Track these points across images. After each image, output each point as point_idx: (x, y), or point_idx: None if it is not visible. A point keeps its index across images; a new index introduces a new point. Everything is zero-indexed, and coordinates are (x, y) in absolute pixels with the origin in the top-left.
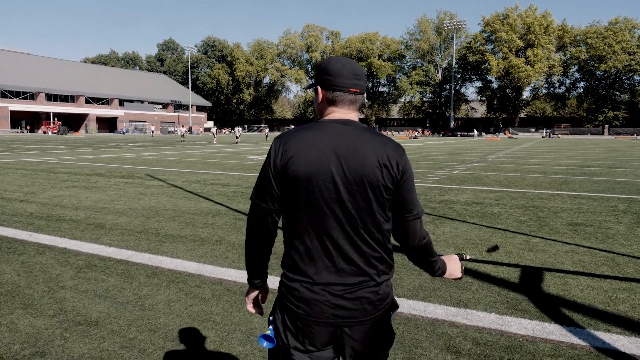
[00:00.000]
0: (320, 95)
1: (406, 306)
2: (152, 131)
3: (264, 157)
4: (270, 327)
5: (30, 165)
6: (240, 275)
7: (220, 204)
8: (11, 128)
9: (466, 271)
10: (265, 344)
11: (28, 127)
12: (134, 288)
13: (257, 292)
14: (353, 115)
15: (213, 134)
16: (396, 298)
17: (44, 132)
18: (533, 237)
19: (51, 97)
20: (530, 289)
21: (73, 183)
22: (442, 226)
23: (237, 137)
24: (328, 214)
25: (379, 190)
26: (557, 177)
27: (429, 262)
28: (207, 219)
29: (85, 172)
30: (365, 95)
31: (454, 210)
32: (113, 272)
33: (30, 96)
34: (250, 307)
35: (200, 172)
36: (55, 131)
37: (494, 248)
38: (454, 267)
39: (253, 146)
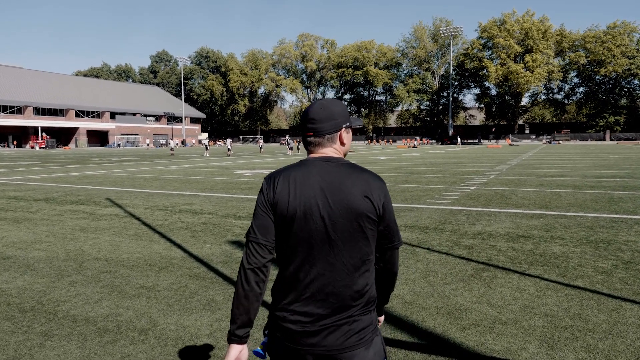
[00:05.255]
0: None
1: None
2: (147, 144)
3: (254, 172)
4: (265, 339)
5: None
6: None
7: (179, 246)
8: None
9: None
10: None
11: (15, 142)
12: None
13: (240, 348)
14: (330, 152)
15: (206, 146)
16: None
17: (32, 147)
18: None
19: (39, 111)
20: None
21: (5, 214)
22: (495, 284)
23: (228, 150)
24: (315, 246)
25: (362, 223)
26: (597, 193)
27: (391, 289)
28: (147, 277)
29: (35, 196)
30: (334, 132)
31: (499, 251)
32: None
33: (18, 110)
34: None
35: (174, 194)
36: (43, 146)
37: None
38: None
39: (245, 159)
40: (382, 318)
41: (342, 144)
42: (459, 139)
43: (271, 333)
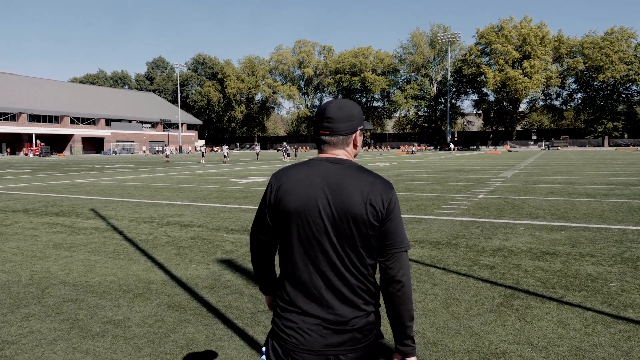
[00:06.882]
0: None
1: None
2: (144, 151)
3: (250, 180)
4: (263, 357)
5: None
6: None
7: (161, 267)
8: None
9: None
10: None
11: (9, 150)
12: None
13: (271, 298)
14: (341, 153)
15: (202, 153)
16: None
17: (25, 154)
18: None
19: (34, 118)
20: None
21: None
22: (532, 317)
23: (225, 157)
24: (316, 247)
25: (363, 227)
26: (614, 202)
27: (402, 306)
28: (118, 307)
29: (14, 206)
30: (350, 134)
31: (526, 272)
32: None
33: (12, 117)
34: (271, 308)
35: (163, 204)
36: (37, 153)
37: None
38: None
39: (241, 166)
40: None
41: (355, 146)
42: (452, 146)
43: (274, 336)
